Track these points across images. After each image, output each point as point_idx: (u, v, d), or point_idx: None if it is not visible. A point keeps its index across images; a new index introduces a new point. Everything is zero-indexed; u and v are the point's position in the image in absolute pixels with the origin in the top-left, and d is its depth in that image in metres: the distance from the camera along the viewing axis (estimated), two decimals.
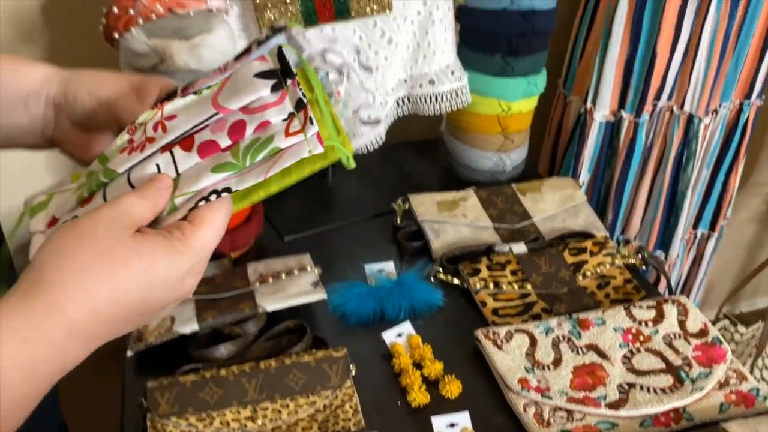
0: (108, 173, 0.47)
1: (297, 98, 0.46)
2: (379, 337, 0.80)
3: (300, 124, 0.45)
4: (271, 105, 0.46)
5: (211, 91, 0.47)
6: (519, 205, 1.02)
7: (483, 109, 1.05)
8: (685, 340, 0.79)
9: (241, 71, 0.47)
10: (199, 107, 0.47)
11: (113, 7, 0.74)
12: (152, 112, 0.47)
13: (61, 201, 0.49)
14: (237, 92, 0.46)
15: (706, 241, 1.30)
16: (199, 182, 0.45)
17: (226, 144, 0.46)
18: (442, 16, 0.97)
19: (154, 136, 0.46)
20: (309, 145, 0.45)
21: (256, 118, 0.46)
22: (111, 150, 0.48)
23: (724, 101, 1.14)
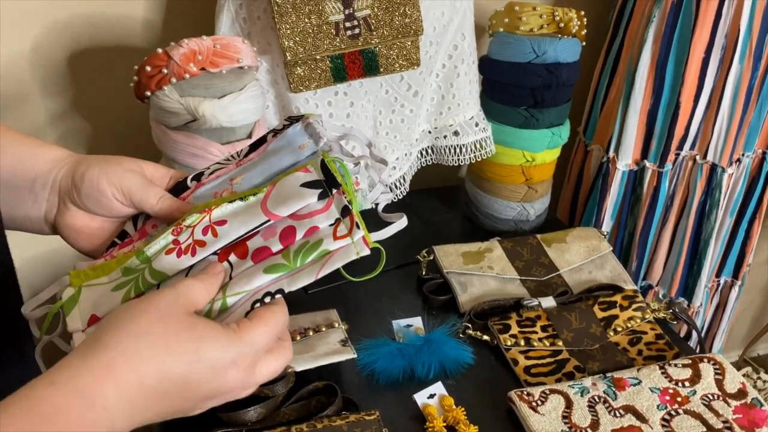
0: (156, 274, 0.48)
1: (343, 205, 0.50)
2: (410, 398, 0.78)
3: (347, 229, 0.49)
4: (318, 212, 0.50)
5: (257, 198, 0.51)
6: (545, 257, 1.01)
7: (507, 160, 1.04)
8: (725, 402, 0.77)
9: (286, 181, 0.51)
10: (248, 214, 0.50)
11: (146, 66, 0.74)
12: (200, 216, 0.50)
13: (95, 296, 0.50)
14: (285, 200, 0.49)
15: (729, 289, 1.29)
16: (252, 282, 0.47)
17: (278, 248, 0.49)
18: (467, 69, 0.97)
19: (203, 240, 0.49)
20: (356, 248, 0.49)
21: (305, 224, 0.49)
22: (153, 249, 0.50)
23: (747, 150, 1.14)
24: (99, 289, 0.50)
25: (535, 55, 0.95)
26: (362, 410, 0.75)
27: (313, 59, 0.81)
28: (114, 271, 0.51)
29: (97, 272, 0.51)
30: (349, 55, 0.83)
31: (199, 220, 0.50)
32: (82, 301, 0.50)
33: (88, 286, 0.51)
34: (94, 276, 0.51)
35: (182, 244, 0.49)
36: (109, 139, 1.06)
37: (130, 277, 0.49)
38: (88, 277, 0.51)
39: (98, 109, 1.03)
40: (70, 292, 0.51)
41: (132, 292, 0.49)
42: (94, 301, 0.50)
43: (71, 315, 0.50)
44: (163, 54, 0.73)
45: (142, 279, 0.49)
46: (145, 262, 0.50)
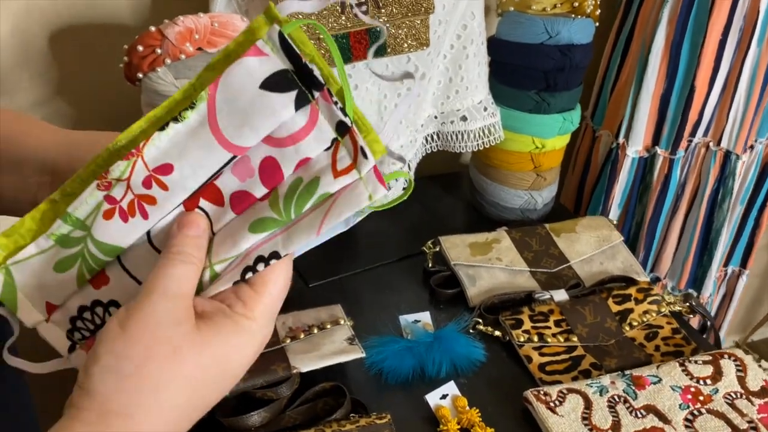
0: (106, 249, 0.37)
1: (337, 120, 0.35)
2: (421, 399, 0.74)
3: (349, 156, 0.35)
4: (304, 132, 0.35)
5: (198, 114, 0.35)
6: (554, 247, 0.97)
7: (516, 146, 1.00)
8: (748, 400, 0.74)
9: (233, 78, 0.34)
10: (198, 147, 0.35)
11: (137, 45, 0.68)
12: (128, 163, 0.36)
13: (36, 278, 0.38)
14: (247, 118, 0.34)
15: (737, 278, 1.26)
16: (238, 245, 0.37)
17: (262, 192, 0.36)
18: (476, 50, 0.92)
19: (150, 195, 0.36)
20: (367, 188, 0.35)
21: (289, 154, 0.35)
22: (82, 211, 0.37)
23: (760, 137, 1.10)
24: (34, 266, 0.38)
25: (548, 36, 0.90)
26: (372, 412, 0.72)
27: (316, 38, 0.76)
28: (40, 237, 0.38)
29: (16, 239, 0.38)
30: (355, 34, 0.77)
31: (130, 167, 0.35)
32: (22, 286, 0.38)
33: (16, 264, 0.38)
34: (13, 245, 0.38)
35: (120, 203, 0.36)
36: (96, 123, 1.00)
37: (72, 251, 0.38)
38: (6, 248, 0.38)
39: (83, 92, 0.97)
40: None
41: (85, 272, 0.38)
42: (37, 284, 0.38)
43: (20, 307, 0.39)
44: (157, 32, 0.67)
45: (90, 255, 0.37)
46: (80, 228, 0.37)
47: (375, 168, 0.35)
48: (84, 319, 0.39)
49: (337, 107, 0.35)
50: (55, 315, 0.40)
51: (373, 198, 0.35)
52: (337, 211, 0.35)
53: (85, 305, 0.39)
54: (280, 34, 0.33)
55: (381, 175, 0.35)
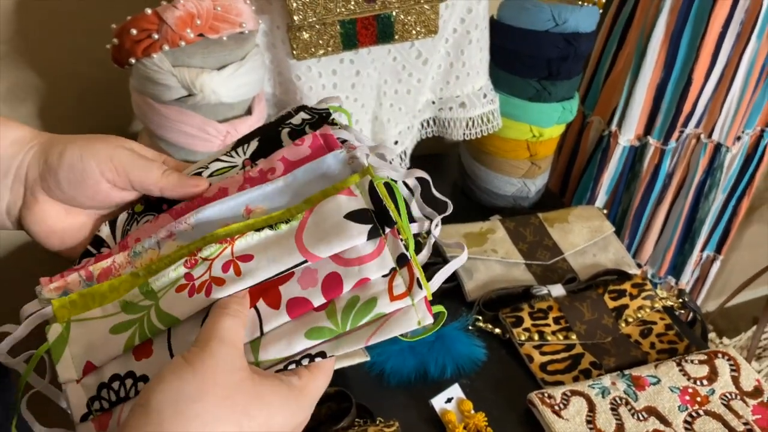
0: (164, 317, 0.40)
1: (399, 252, 0.40)
2: (425, 402, 0.73)
3: (405, 285, 0.40)
4: (369, 258, 0.40)
5: (291, 228, 0.41)
6: (548, 238, 0.96)
7: (513, 134, 0.97)
8: (742, 401, 0.76)
9: (326, 208, 0.41)
10: (280, 248, 0.40)
11: (130, 28, 0.62)
12: (220, 247, 0.41)
13: (88, 337, 0.41)
14: (326, 235, 0.40)
15: (711, 263, 1.29)
16: (292, 347, 0.40)
17: (320, 303, 0.40)
18: (480, 35, 0.88)
19: (222, 277, 0.40)
20: (417, 314, 0.40)
21: (352, 273, 0.40)
22: (161, 282, 0.41)
23: (747, 128, 1.11)
24: (93, 326, 0.41)
25: (555, 23, 0.87)
26: (376, 416, 0.70)
27: (321, 23, 0.71)
28: (110, 303, 0.42)
29: (87, 301, 0.42)
30: (362, 20, 0.73)
31: (220, 251, 0.41)
32: (73, 342, 0.41)
33: (77, 321, 0.42)
34: (83, 306, 0.42)
35: (196, 280, 0.40)
36: (70, 100, 0.92)
37: (133, 317, 0.41)
38: (75, 307, 0.42)
39: (55, 63, 0.89)
40: (57, 329, 0.42)
41: (136, 338, 0.41)
42: (87, 342, 0.41)
43: (62, 361, 0.41)
44: (153, 15, 0.61)
45: (148, 322, 0.40)
46: (151, 298, 0.41)
47: (425, 299, 0.40)
48: (111, 388, 0.41)
49: (402, 244, 0.41)
50: (88, 378, 0.41)
51: (422, 324, 0.39)
52: (387, 330, 0.40)
53: (118, 374, 0.41)
54: (371, 183, 0.41)
55: (430, 306, 0.40)
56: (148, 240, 0.44)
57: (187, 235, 0.43)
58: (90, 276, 0.43)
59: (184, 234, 0.43)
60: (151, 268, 0.42)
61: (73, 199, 0.46)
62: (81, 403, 0.41)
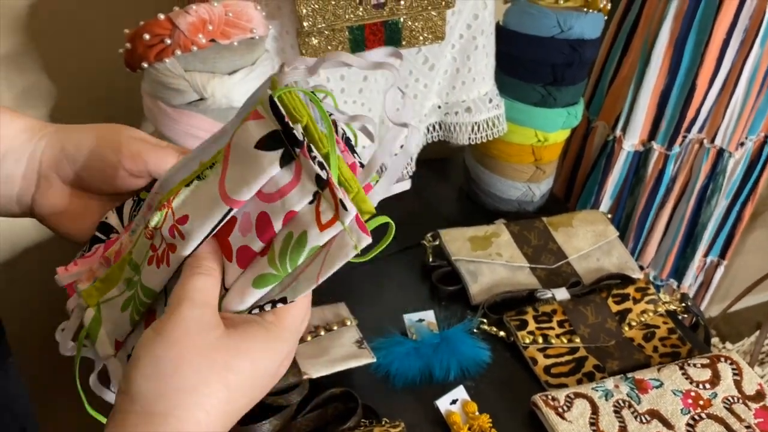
0: (146, 292, 0.42)
1: (315, 173, 0.35)
2: (430, 403, 0.74)
3: (331, 209, 0.36)
4: (289, 187, 0.36)
5: (215, 173, 0.39)
6: (553, 242, 0.97)
7: (517, 139, 0.98)
8: (745, 405, 0.76)
9: (239, 140, 0.37)
10: (207, 202, 0.38)
11: (143, 33, 0.63)
12: (162, 213, 0.40)
13: (112, 315, 0.44)
14: (244, 176, 0.37)
15: (714, 268, 1.29)
16: (245, 300, 0.39)
17: (260, 247, 0.39)
18: (486, 41, 0.89)
19: (173, 243, 0.40)
20: (352, 238, 0.36)
21: (277, 208, 0.37)
22: (138, 255, 0.42)
23: (750, 134, 1.12)
24: (114, 305, 0.44)
25: (560, 30, 0.88)
26: (382, 417, 0.71)
27: (330, 29, 0.72)
28: (120, 281, 0.44)
29: (107, 284, 0.45)
30: (371, 26, 0.74)
31: (163, 217, 0.40)
32: (105, 321, 0.44)
33: (105, 302, 0.44)
34: (106, 289, 0.45)
35: (158, 250, 0.41)
36: (81, 103, 0.94)
37: (131, 293, 0.43)
38: (101, 292, 0.45)
39: (67, 67, 0.91)
40: (90, 314, 0.45)
41: (134, 313, 0.43)
42: (113, 321, 0.44)
43: (99, 340, 0.44)
44: (166, 21, 0.62)
45: (138, 298, 0.42)
46: (136, 272, 0.43)
47: (357, 218, 0.36)
48: None
49: (316, 162, 0.36)
50: (120, 352, 0.44)
51: (359, 247, 0.36)
52: (329, 263, 0.37)
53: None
54: (270, 98, 0.36)
55: (364, 225, 0.36)
56: (139, 217, 0.45)
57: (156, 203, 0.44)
58: (108, 261, 0.46)
59: (155, 203, 0.44)
60: (136, 245, 0.43)
61: (89, 185, 0.48)
62: (120, 373, 0.44)
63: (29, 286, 1.03)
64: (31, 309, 0.99)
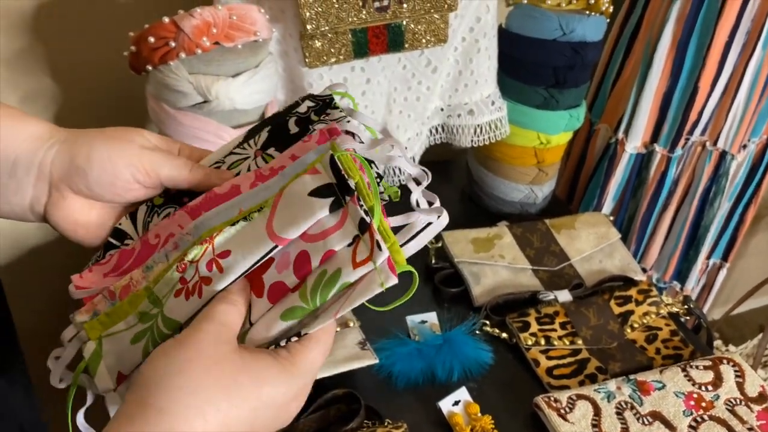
0: (168, 323, 0.42)
1: (359, 218, 0.39)
2: (433, 404, 0.74)
3: (367, 250, 0.39)
4: (333, 230, 0.40)
5: (262, 216, 0.42)
6: (555, 244, 0.97)
7: (520, 141, 0.99)
8: (747, 407, 0.76)
9: (293, 189, 0.42)
10: (252, 239, 0.41)
11: (148, 36, 0.64)
12: (202, 248, 0.43)
13: (117, 349, 0.44)
14: (294, 218, 0.40)
15: (717, 271, 1.29)
16: (270, 331, 0.41)
17: (294, 283, 0.41)
18: (488, 43, 0.90)
19: (209, 276, 0.42)
20: (380, 277, 0.38)
21: (318, 248, 0.40)
22: (161, 289, 0.43)
23: (753, 137, 1.12)
24: (119, 339, 0.44)
25: (562, 32, 0.88)
26: (385, 418, 0.71)
27: (333, 32, 0.73)
28: (130, 315, 0.45)
29: (113, 318, 0.45)
30: (374, 29, 0.74)
31: (202, 252, 0.42)
32: (106, 355, 0.44)
33: (107, 337, 0.45)
34: (111, 323, 0.45)
35: (189, 283, 0.42)
36: (86, 106, 0.94)
37: (146, 325, 0.44)
38: (105, 326, 0.45)
39: (72, 70, 0.91)
40: (91, 347, 0.45)
41: (150, 345, 0.43)
42: (117, 354, 0.44)
43: (99, 374, 0.44)
44: (171, 24, 0.63)
45: (157, 329, 0.43)
46: (157, 305, 0.43)
47: (389, 260, 0.38)
48: None
49: (362, 210, 0.39)
50: (121, 387, 0.44)
51: (385, 285, 0.38)
52: (354, 298, 0.39)
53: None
54: (331, 156, 0.41)
55: (393, 266, 0.38)
56: (158, 254, 0.46)
57: (187, 243, 0.45)
58: (113, 295, 0.46)
59: (185, 243, 0.45)
60: (157, 278, 0.44)
61: (101, 197, 0.47)
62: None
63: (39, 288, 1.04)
64: (40, 310, 0.99)
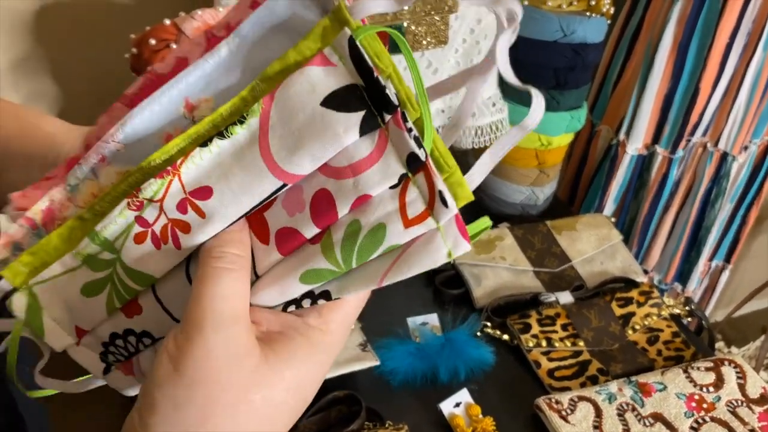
0: (137, 277, 0.32)
1: (408, 150, 0.28)
2: (433, 405, 0.74)
3: (423, 201, 0.28)
4: (366, 163, 0.28)
5: (249, 132, 0.29)
6: (556, 246, 0.97)
7: (521, 143, 0.99)
8: (748, 408, 0.76)
9: (293, 90, 0.28)
10: (245, 172, 0.29)
11: (149, 38, 0.64)
12: (163, 182, 0.30)
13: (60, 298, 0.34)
14: (303, 140, 0.28)
15: (720, 273, 1.29)
16: (285, 294, 0.31)
17: (313, 233, 0.30)
18: (489, 45, 0.90)
19: (185, 220, 0.30)
20: (446, 242, 0.28)
21: (346, 188, 0.29)
22: (111, 231, 0.31)
23: (754, 138, 1.12)
24: (59, 286, 0.34)
25: (563, 34, 0.88)
26: (385, 419, 0.71)
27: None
28: (66, 255, 0.33)
29: (41, 257, 0.33)
30: None
31: (164, 187, 0.30)
32: (48, 307, 0.34)
33: (40, 284, 0.33)
34: (39, 263, 0.33)
35: (153, 226, 0.31)
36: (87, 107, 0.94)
37: (101, 275, 0.33)
38: (31, 267, 0.33)
39: (73, 72, 0.92)
40: (21, 301, 0.34)
41: (115, 299, 0.33)
42: (64, 305, 0.34)
43: (47, 331, 0.34)
44: (172, 26, 0.63)
45: (121, 282, 0.33)
46: (109, 250, 0.32)
47: (457, 217, 0.28)
48: (117, 345, 0.35)
49: (412, 136, 0.28)
50: (86, 338, 0.35)
51: (453, 255, 0.28)
52: (406, 266, 0.29)
53: (117, 333, 0.35)
54: (351, 41, 0.27)
55: (464, 226, 0.28)
56: (80, 168, 0.33)
57: (120, 156, 0.32)
58: (34, 224, 0.34)
59: (117, 156, 0.32)
60: (95, 209, 0.33)
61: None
62: (94, 360, 0.36)
63: None
64: None
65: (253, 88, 0.30)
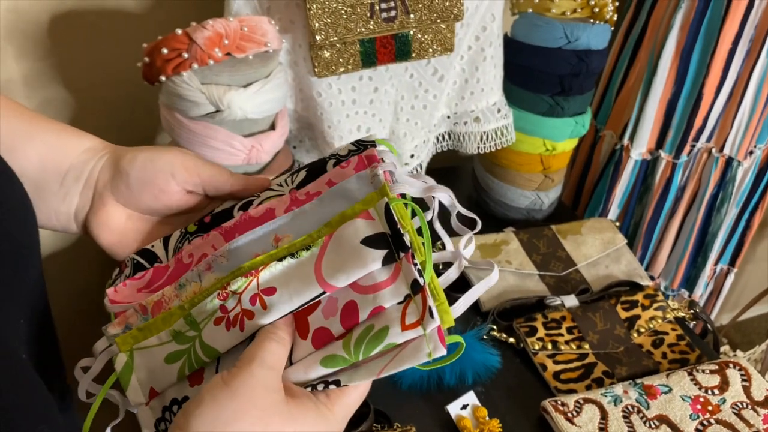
0: (208, 351, 0.43)
1: (413, 278, 0.39)
2: (440, 408, 0.75)
3: (418, 313, 0.39)
4: (384, 285, 0.40)
5: (311, 256, 0.42)
6: (561, 250, 0.98)
7: (526, 148, 1.00)
8: (753, 410, 0.77)
9: (344, 233, 0.42)
10: (300, 280, 0.41)
11: (161, 47, 0.65)
12: (246, 280, 0.42)
13: (149, 363, 0.45)
14: (344, 265, 0.40)
15: (725, 276, 1.30)
16: (308, 374, 0.41)
17: (339, 332, 0.41)
18: (494, 52, 0.91)
19: (251, 310, 0.42)
20: (429, 346, 0.39)
21: (368, 301, 0.40)
22: (199, 313, 0.43)
23: (759, 143, 1.12)
24: (151, 354, 0.45)
25: (567, 41, 0.90)
26: (393, 421, 0.72)
27: (342, 42, 0.74)
28: (163, 332, 0.45)
29: (145, 333, 0.45)
30: (381, 38, 0.76)
31: (246, 285, 0.42)
32: (138, 368, 0.45)
33: (139, 350, 0.45)
34: (143, 338, 0.45)
35: (230, 313, 0.42)
36: (100, 115, 0.96)
37: (182, 347, 0.44)
38: (136, 339, 0.45)
39: (84, 79, 0.93)
40: (122, 359, 0.45)
41: (186, 368, 0.43)
42: (148, 369, 0.45)
43: (131, 387, 0.44)
44: (184, 36, 0.65)
45: (195, 355, 0.43)
46: (194, 328, 0.43)
47: (439, 329, 0.38)
48: (172, 411, 0.44)
49: (416, 268, 0.39)
50: (154, 401, 0.44)
51: (432, 356, 0.38)
52: (398, 362, 0.39)
53: (176, 398, 0.44)
54: (387, 206, 0.41)
55: (443, 337, 0.39)
56: (190, 273, 0.46)
57: (223, 266, 0.45)
58: (144, 310, 0.46)
59: (220, 266, 0.45)
60: (194, 301, 0.44)
61: (138, 201, 0.49)
62: (150, 423, 0.44)
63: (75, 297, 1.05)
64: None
65: (320, 230, 0.44)
